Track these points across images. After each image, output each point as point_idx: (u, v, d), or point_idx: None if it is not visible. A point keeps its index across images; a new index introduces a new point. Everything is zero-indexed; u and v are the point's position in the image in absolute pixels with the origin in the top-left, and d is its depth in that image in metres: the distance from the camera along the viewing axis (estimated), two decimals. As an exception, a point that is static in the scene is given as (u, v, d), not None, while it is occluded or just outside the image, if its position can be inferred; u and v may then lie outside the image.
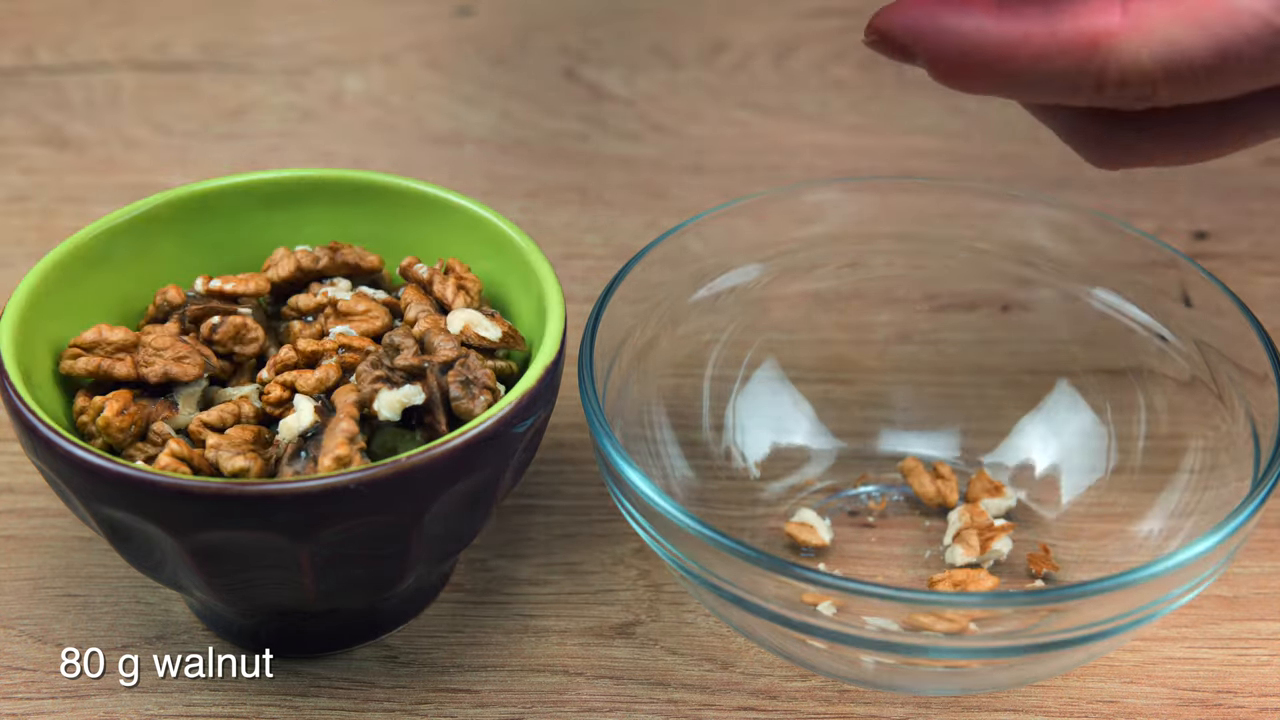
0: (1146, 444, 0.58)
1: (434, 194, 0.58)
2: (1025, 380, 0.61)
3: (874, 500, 0.60)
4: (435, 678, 0.55)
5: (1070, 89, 0.44)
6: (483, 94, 0.83)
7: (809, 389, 0.62)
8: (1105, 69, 0.43)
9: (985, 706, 0.53)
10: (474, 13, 0.89)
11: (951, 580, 0.56)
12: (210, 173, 0.77)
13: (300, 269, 0.57)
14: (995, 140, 0.79)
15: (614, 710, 0.53)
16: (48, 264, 0.55)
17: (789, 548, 0.58)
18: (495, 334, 0.54)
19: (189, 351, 0.53)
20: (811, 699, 0.54)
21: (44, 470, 0.51)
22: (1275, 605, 0.57)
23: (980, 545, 0.57)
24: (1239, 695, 0.54)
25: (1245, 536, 0.49)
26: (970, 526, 0.57)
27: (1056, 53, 0.43)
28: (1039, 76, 0.44)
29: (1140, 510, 0.56)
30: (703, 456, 0.60)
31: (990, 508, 0.58)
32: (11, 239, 0.74)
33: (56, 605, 0.57)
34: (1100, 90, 0.43)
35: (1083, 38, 0.43)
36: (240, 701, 0.54)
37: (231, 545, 0.49)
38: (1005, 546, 0.57)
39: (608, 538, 0.59)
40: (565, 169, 0.78)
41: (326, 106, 0.82)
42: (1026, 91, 0.44)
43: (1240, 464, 0.53)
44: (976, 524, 0.57)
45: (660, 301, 0.59)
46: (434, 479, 0.49)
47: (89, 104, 0.82)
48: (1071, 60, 0.43)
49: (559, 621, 0.56)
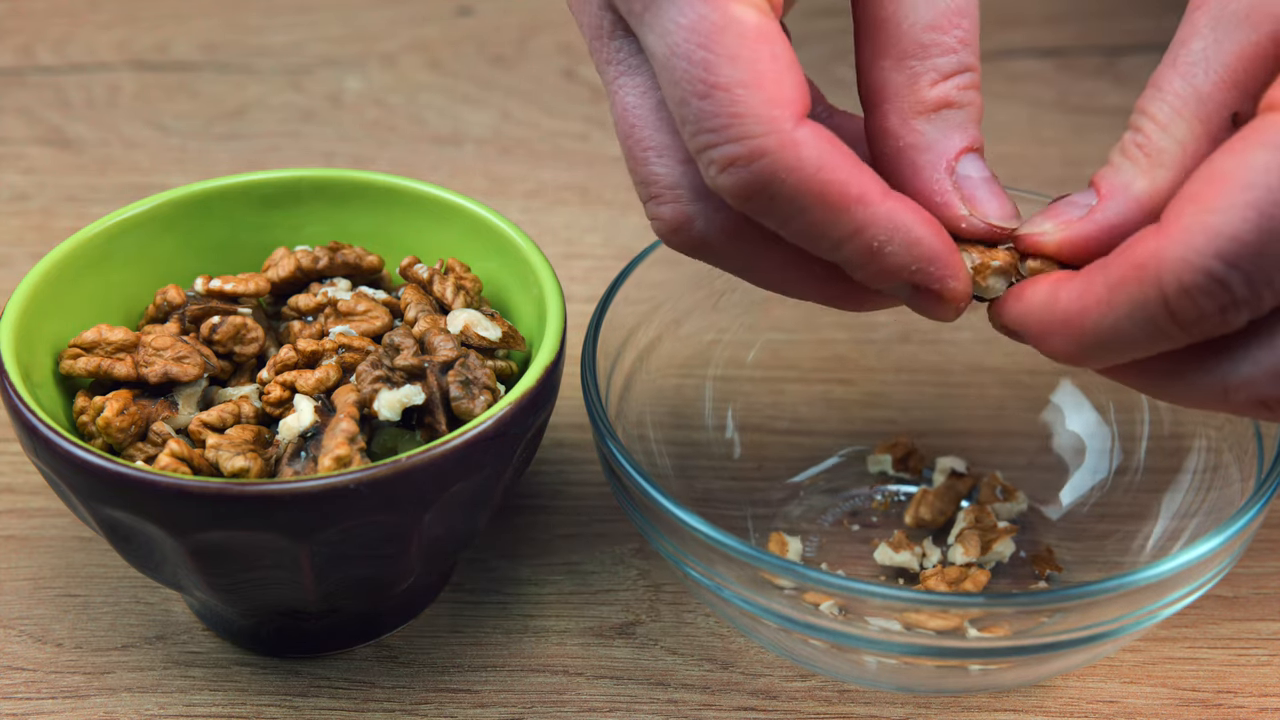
0: (1150, 444, 0.58)
1: (434, 194, 0.58)
2: (1026, 380, 0.61)
3: (875, 500, 0.60)
4: (435, 678, 0.54)
5: (1152, 330, 0.42)
6: (483, 94, 0.83)
7: (810, 389, 0.62)
8: (1163, 283, 0.41)
9: (985, 707, 0.53)
10: (474, 13, 0.89)
11: (944, 578, 0.56)
12: (210, 173, 0.77)
13: (300, 269, 0.57)
14: (995, 140, 0.79)
15: (614, 710, 0.53)
16: (48, 264, 0.55)
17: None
18: (495, 334, 0.54)
19: (189, 351, 0.53)
20: (811, 699, 0.54)
21: (44, 470, 0.51)
22: (1275, 605, 0.57)
23: (981, 546, 0.57)
24: (1239, 695, 0.54)
25: (1249, 537, 0.49)
26: (973, 528, 0.57)
27: (1119, 295, 0.42)
28: (1117, 330, 0.42)
29: (1143, 511, 0.56)
30: (705, 456, 0.60)
31: (1000, 511, 0.58)
32: (11, 239, 0.74)
33: (56, 605, 0.57)
34: (1173, 313, 0.41)
35: (1129, 267, 0.42)
36: (240, 701, 0.54)
37: (231, 545, 0.49)
38: (1007, 549, 0.57)
39: (608, 538, 0.59)
40: (565, 169, 0.78)
41: (326, 106, 0.82)
42: (1120, 349, 0.43)
43: (1244, 464, 0.53)
44: (980, 525, 0.57)
45: (662, 302, 0.59)
46: (434, 479, 0.49)
47: (89, 104, 0.82)
48: (1131, 294, 0.42)
49: (559, 621, 0.56)
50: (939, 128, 0.46)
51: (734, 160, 0.43)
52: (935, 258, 0.45)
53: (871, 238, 0.44)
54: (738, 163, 0.42)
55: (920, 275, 0.45)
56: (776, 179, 0.42)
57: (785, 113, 0.42)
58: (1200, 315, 0.41)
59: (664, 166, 0.46)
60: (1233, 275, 0.40)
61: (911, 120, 0.46)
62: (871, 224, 0.44)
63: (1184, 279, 0.41)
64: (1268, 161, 0.40)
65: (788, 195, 0.43)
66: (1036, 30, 0.87)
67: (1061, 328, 0.44)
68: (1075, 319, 0.43)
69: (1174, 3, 0.48)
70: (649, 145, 0.46)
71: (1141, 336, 0.42)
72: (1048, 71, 0.84)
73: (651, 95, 0.46)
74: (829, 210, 0.43)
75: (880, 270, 0.45)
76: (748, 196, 0.43)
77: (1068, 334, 0.44)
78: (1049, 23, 0.88)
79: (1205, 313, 0.41)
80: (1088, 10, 0.89)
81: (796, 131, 0.42)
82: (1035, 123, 0.81)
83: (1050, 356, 0.45)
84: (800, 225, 0.44)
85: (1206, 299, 0.41)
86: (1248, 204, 0.40)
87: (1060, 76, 0.84)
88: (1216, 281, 0.41)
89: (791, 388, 0.62)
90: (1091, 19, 0.88)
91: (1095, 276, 0.43)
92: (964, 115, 0.46)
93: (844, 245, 0.44)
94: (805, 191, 0.43)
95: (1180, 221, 0.41)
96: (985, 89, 0.83)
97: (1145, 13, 0.88)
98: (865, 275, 0.45)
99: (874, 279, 0.45)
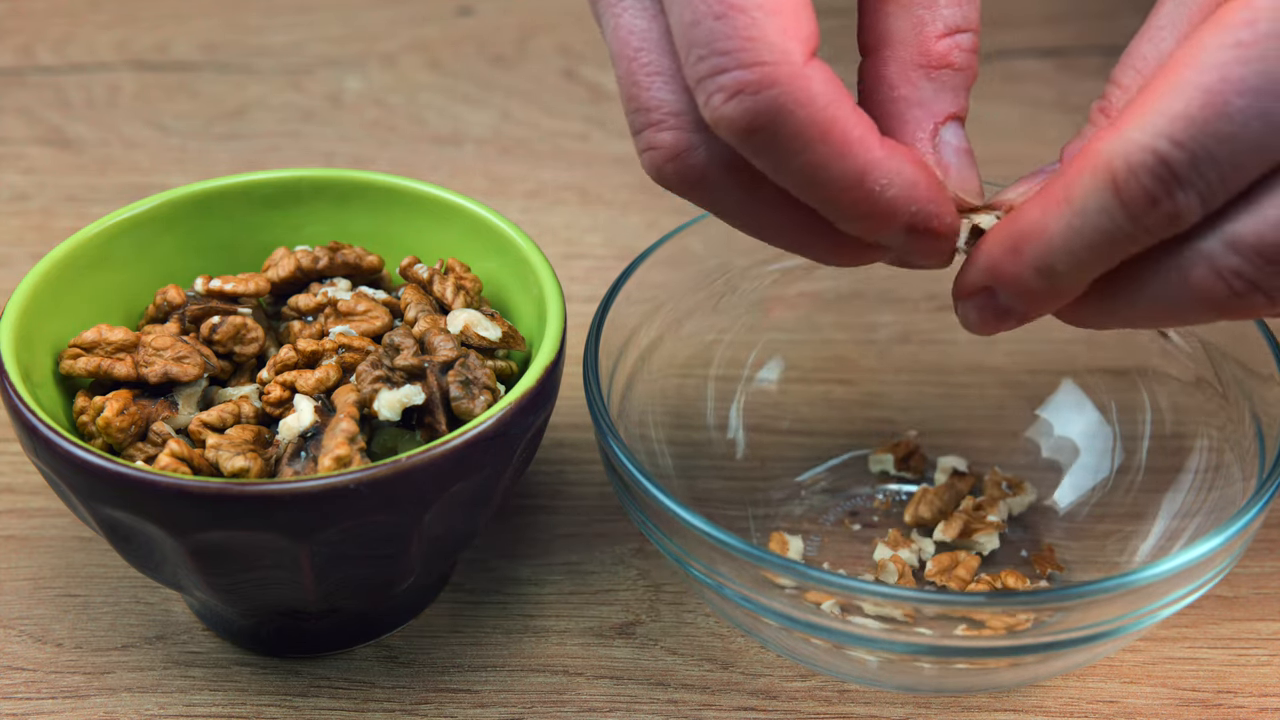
0: (1151, 444, 0.58)
1: (434, 194, 0.58)
2: (1026, 380, 0.61)
3: (877, 500, 0.60)
4: (435, 678, 0.54)
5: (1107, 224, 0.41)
6: (483, 94, 0.83)
7: (811, 389, 0.62)
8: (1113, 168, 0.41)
9: (985, 707, 0.53)
10: (474, 13, 0.89)
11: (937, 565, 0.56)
12: (210, 173, 0.77)
13: (300, 269, 0.57)
14: (995, 140, 0.79)
15: (614, 710, 0.53)
16: (48, 264, 0.55)
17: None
18: (495, 334, 0.54)
19: (189, 351, 0.53)
20: (811, 699, 0.54)
21: (44, 470, 0.51)
22: (1275, 605, 0.57)
23: (962, 530, 0.57)
24: (1239, 695, 0.54)
25: (1250, 537, 0.49)
26: (962, 513, 0.57)
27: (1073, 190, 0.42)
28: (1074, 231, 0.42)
29: (1145, 510, 0.56)
30: (706, 456, 0.60)
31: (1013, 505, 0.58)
32: (11, 239, 0.74)
33: (56, 605, 0.57)
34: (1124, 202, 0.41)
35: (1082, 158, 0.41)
36: (240, 701, 0.54)
37: (231, 545, 0.49)
38: (990, 542, 0.57)
39: (608, 538, 0.59)
40: (565, 169, 0.78)
41: (326, 106, 0.82)
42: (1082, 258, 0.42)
43: (1245, 463, 0.53)
44: (970, 514, 0.57)
45: (664, 302, 0.59)
46: (434, 479, 0.49)
47: (89, 104, 0.82)
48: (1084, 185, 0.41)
49: (559, 621, 0.56)
50: (934, 86, 0.46)
51: (743, 87, 0.41)
52: (933, 197, 0.44)
53: (874, 181, 0.43)
54: (746, 90, 0.41)
55: (920, 216, 0.44)
56: (785, 110, 0.41)
57: (799, 46, 0.41)
58: (1149, 198, 0.41)
59: (670, 92, 0.45)
60: (1178, 154, 0.40)
61: (911, 71, 0.46)
62: (875, 167, 0.43)
63: (1131, 158, 0.40)
64: (1220, 43, 0.40)
65: (793, 131, 0.42)
66: (1036, 30, 0.87)
67: (1023, 240, 0.43)
68: (1035, 226, 0.43)
69: (1174, 2, 0.48)
70: (655, 70, 0.45)
71: (1098, 237, 0.42)
72: (1048, 71, 0.84)
73: (659, 20, 0.45)
74: (833, 150, 0.42)
75: (881, 214, 0.44)
76: (751, 129, 0.42)
77: (1031, 246, 0.43)
78: (1049, 23, 0.88)
79: (1153, 195, 0.40)
80: (1088, 10, 0.89)
81: (808, 66, 0.41)
82: (1035, 123, 0.81)
83: (1018, 291, 0.44)
84: (801, 164, 0.42)
85: (1153, 180, 0.40)
86: (1196, 85, 0.40)
87: (1060, 76, 0.84)
88: (1161, 160, 0.40)
89: (793, 388, 0.62)
90: (1091, 19, 0.88)
91: (1052, 182, 0.43)
92: (960, 79, 0.46)
93: (845, 190, 0.43)
94: (812, 127, 0.42)
95: (1129, 111, 0.41)
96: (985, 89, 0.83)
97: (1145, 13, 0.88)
98: (862, 223, 0.44)
99: (871, 226, 0.44)
